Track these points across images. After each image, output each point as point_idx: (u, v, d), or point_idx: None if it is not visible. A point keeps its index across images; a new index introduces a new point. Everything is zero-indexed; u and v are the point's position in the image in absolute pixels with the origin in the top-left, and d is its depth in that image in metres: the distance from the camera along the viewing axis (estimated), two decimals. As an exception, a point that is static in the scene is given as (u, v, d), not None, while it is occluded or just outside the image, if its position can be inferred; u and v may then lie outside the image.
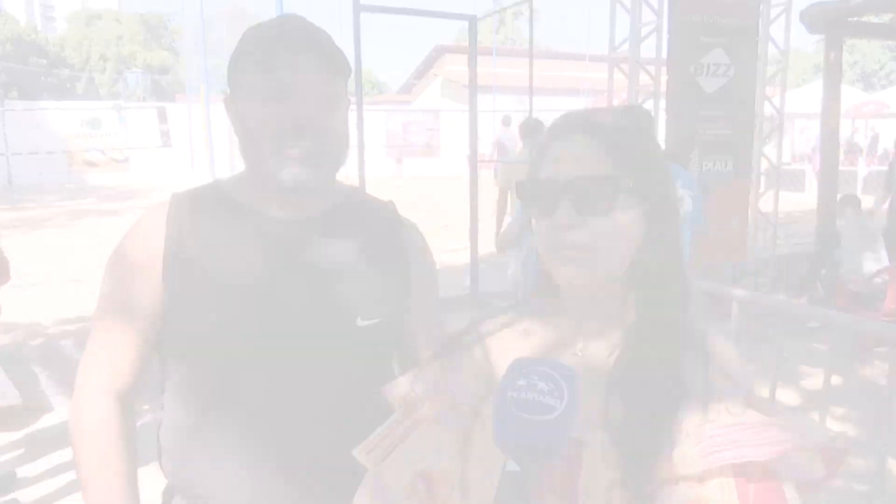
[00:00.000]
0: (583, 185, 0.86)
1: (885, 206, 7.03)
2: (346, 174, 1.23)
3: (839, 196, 6.43)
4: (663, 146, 5.27)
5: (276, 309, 1.12)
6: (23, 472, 3.44)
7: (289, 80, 1.07)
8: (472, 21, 6.24)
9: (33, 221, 10.91)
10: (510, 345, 0.97)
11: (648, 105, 5.34)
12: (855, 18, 6.55)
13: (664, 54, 5.24)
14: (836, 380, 2.60)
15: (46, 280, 6.05)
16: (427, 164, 24.22)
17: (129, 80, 36.61)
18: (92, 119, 20.31)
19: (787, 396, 4.40)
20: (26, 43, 38.79)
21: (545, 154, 0.93)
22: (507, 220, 5.77)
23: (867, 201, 7.74)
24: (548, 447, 0.69)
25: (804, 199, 13.11)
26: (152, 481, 1.26)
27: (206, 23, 15.16)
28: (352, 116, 1.28)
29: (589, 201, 0.86)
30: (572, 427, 0.71)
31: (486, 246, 6.55)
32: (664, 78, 5.28)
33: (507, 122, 12.54)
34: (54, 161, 17.13)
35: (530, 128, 5.77)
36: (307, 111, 1.08)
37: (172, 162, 18.35)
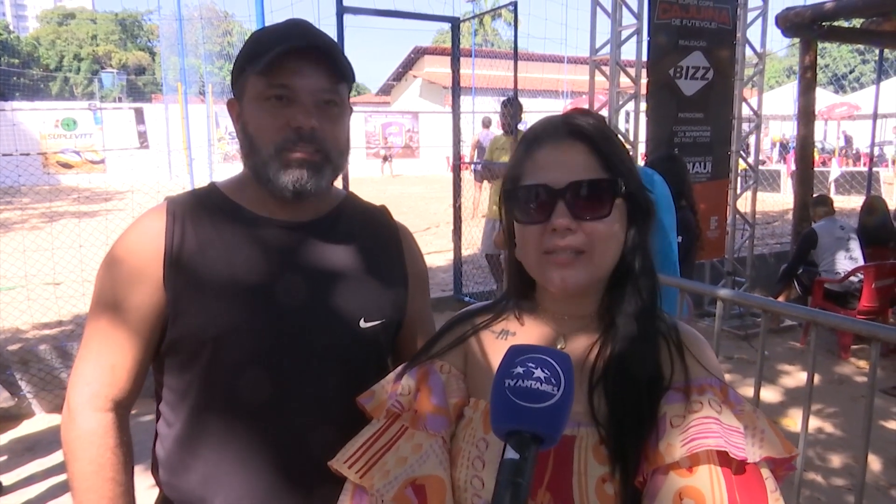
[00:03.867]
0: (579, 189, 0.87)
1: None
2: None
3: (813, 196, 6.55)
4: (644, 148, 5.34)
5: (281, 314, 1.11)
6: (2, 479, 3.37)
7: (292, 85, 1.07)
8: (455, 23, 6.24)
9: (8, 223, 10.70)
10: (489, 346, 0.98)
11: (629, 107, 5.40)
12: (827, 23, 6.66)
13: (644, 57, 5.30)
14: (815, 377, 2.64)
15: (23, 283, 5.94)
16: (406, 164, 24.29)
17: (105, 80, 36.09)
18: (67, 120, 19.97)
19: (767, 394, 4.47)
20: (-2, 42, 38.08)
21: (530, 160, 0.92)
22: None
23: (840, 201, 7.87)
24: (548, 433, 0.69)
25: (781, 200, 13.33)
26: (140, 487, 1.25)
27: (183, 22, 14.93)
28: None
29: (586, 205, 0.87)
30: (570, 412, 0.71)
31: (470, 247, 6.57)
32: (644, 80, 5.33)
33: (487, 123, 12.54)
34: (29, 163, 16.78)
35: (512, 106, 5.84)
36: (310, 116, 1.08)
37: (150, 163, 18.11)
